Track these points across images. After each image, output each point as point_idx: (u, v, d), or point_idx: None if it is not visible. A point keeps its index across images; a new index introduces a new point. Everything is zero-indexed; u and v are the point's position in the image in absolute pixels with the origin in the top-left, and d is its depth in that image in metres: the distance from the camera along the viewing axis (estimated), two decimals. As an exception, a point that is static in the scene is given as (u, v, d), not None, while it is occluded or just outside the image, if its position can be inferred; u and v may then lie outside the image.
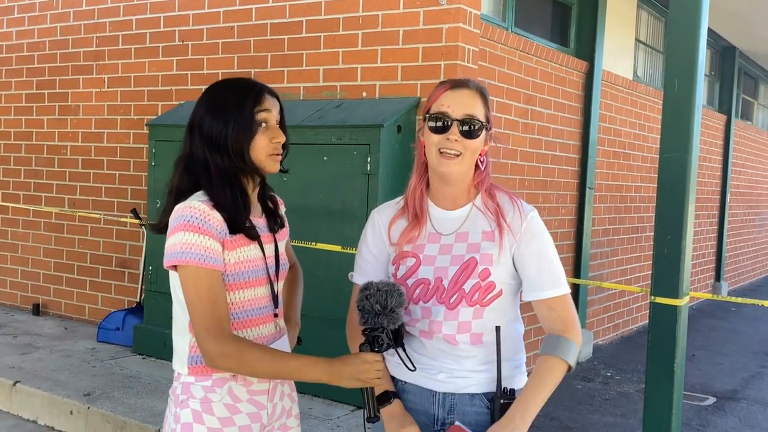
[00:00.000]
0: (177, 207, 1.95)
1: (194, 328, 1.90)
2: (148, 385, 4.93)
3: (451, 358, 2.06)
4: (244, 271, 1.99)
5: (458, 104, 2.02)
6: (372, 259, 2.15)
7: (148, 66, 6.30)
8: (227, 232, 1.94)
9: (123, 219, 6.36)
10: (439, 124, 2.02)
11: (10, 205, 7.17)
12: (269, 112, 2.01)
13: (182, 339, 2.02)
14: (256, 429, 2.03)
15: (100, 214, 6.48)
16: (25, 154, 7.18)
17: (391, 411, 2.06)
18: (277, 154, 2.04)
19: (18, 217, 7.25)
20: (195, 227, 1.89)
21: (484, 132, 2.05)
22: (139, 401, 4.62)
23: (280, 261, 2.12)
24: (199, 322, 1.88)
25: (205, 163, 1.98)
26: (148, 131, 5.78)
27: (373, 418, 1.96)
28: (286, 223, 2.25)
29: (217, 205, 1.95)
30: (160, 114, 6.15)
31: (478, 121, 2.02)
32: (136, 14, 6.35)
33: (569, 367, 2.02)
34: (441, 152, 2.01)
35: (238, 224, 1.96)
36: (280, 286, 2.13)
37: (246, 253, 1.99)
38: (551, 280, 2.04)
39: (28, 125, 7.16)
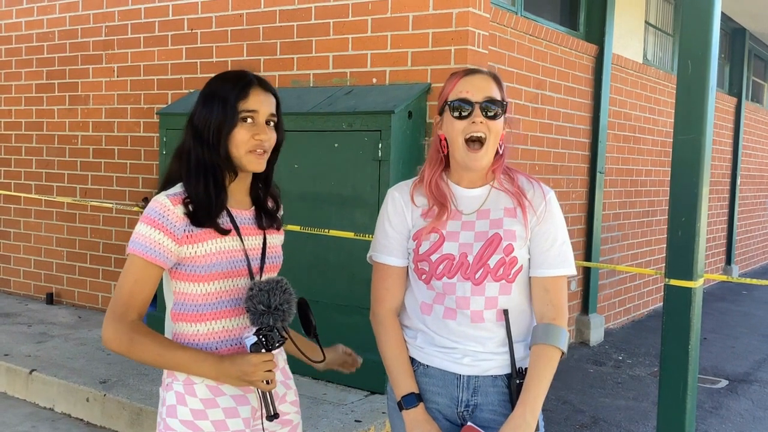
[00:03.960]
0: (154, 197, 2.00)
1: (108, 308, 1.96)
2: (163, 372, 4.96)
3: (475, 340, 2.07)
4: (218, 263, 1.98)
5: (476, 88, 2.05)
6: (396, 235, 2.16)
7: (158, 54, 6.30)
8: (185, 228, 1.95)
9: (135, 208, 6.38)
10: (462, 109, 2.04)
11: (22, 195, 7.21)
12: (255, 112, 1.99)
13: (168, 327, 2.09)
14: (244, 412, 2.02)
15: (112, 203, 6.51)
16: (36, 144, 7.21)
17: (415, 416, 2.09)
18: (261, 152, 2.01)
19: (30, 207, 7.29)
20: (151, 220, 1.94)
21: (503, 116, 2.09)
22: (154, 388, 4.65)
23: (267, 254, 2.09)
24: (111, 303, 1.95)
25: (188, 152, 2.01)
26: (158, 120, 5.79)
27: (273, 416, 1.95)
28: (281, 227, 2.22)
29: (188, 198, 1.97)
30: (170, 103, 6.16)
31: (498, 101, 2.06)
32: (145, 3, 6.35)
33: (562, 354, 2.06)
34: (467, 142, 2.04)
35: (202, 217, 1.96)
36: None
37: (219, 244, 1.98)
38: (558, 260, 2.08)
39: (39, 115, 7.18)
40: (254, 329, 1.93)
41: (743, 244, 12.11)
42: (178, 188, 1.99)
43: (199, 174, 1.98)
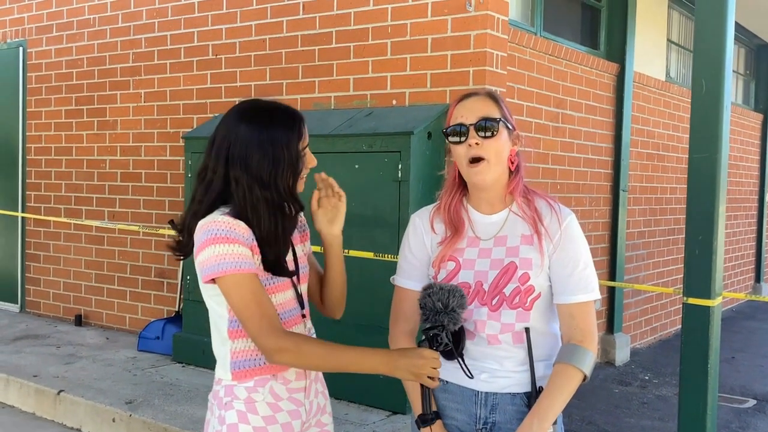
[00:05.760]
0: (201, 223, 2.00)
1: (249, 333, 1.96)
2: (187, 393, 5.02)
3: (492, 359, 2.09)
4: (270, 276, 2.05)
5: (470, 110, 2.09)
6: (415, 261, 2.21)
7: (183, 80, 6.43)
8: (253, 238, 1.99)
9: (161, 230, 6.48)
10: (457, 134, 2.09)
11: (52, 218, 7.35)
12: (307, 147, 2.11)
13: (223, 347, 2.08)
14: (297, 426, 2.10)
15: (139, 226, 6.61)
16: (65, 168, 7.37)
17: None
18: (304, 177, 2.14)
19: (60, 231, 7.43)
20: (223, 238, 1.95)
21: (505, 132, 2.09)
22: (179, 408, 4.71)
23: (300, 264, 2.17)
24: (251, 325, 1.94)
25: (252, 199, 1.99)
26: (184, 144, 5.90)
27: (427, 415, 2.01)
28: (307, 230, 2.28)
29: (260, 240, 2.00)
30: (195, 127, 6.27)
31: (493, 119, 2.07)
32: (171, 30, 6.49)
33: (584, 377, 2.05)
34: (470, 162, 2.07)
35: (272, 262, 2.01)
36: (303, 288, 2.19)
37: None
38: (580, 285, 2.06)
39: (68, 140, 7.34)
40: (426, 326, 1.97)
41: (773, 261, 11.93)
42: (224, 208, 2.01)
43: (273, 216, 2.01)
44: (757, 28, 10.05)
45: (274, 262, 2.02)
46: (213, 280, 1.98)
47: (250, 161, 2.00)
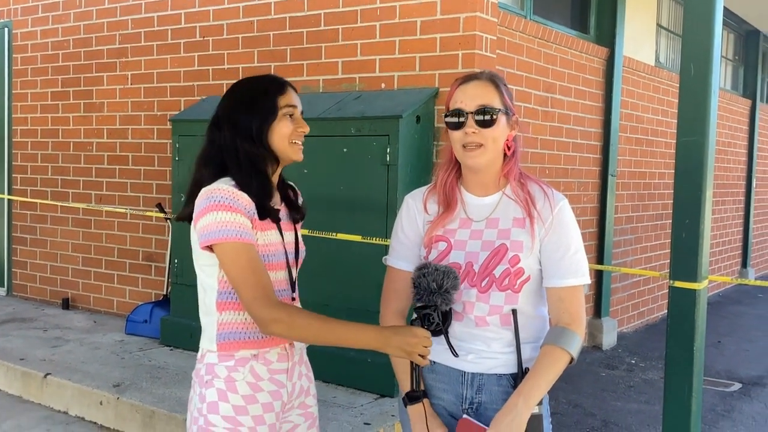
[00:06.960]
0: (203, 190, 2.02)
1: (243, 301, 1.97)
2: (175, 376, 5.01)
3: (480, 340, 2.11)
4: (266, 254, 2.06)
5: (469, 96, 2.09)
6: (407, 241, 2.21)
7: (170, 62, 6.37)
8: (255, 212, 2.02)
9: (149, 213, 6.45)
10: (455, 120, 2.09)
11: (39, 201, 7.30)
12: (294, 107, 2.12)
13: (210, 318, 2.10)
14: (277, 406, 2.11)
15: (126, 209, 6.58)
16: (51, 151, 7.31)
17: (419, 410, 2.13)
18: (301, 144, 2.15)
19: (46, 213, 7.38)
20: (225, 206, 1.97)
21: (504, 118, 2.09)
22: (167, 391, 4.71)
23: (300, 249, 2.21)
24: (246, 293, 1.95)
25: (234, 150, 2.07)
26: (171, 126, 5.86)
27: (415, 392, 2.04)
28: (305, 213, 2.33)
29: (244, 188, 2.03)
30: (182, 109, 6.22)
31: (492, 108, 2.07)
32: (158, 11, 6.43)
33: (571, 359, 2.06)
34: (464, 146, 2.08)
35: (264, 207, 2.04)
36: (297, 273, 2.21)
37: (268, 236, 2.07)
38: (570, 270, 2.08)
39: (54, 123, 7.28)
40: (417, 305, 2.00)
41: (759, 246, 12.02)
42: (227, 180, 2.04)
43: (251, 168, 2.06)
44: (747, 14, 10.06)
45: (259, 205, 2.04)
46: (210, 248, 1.99)
47: (232, 115, 2.10)
